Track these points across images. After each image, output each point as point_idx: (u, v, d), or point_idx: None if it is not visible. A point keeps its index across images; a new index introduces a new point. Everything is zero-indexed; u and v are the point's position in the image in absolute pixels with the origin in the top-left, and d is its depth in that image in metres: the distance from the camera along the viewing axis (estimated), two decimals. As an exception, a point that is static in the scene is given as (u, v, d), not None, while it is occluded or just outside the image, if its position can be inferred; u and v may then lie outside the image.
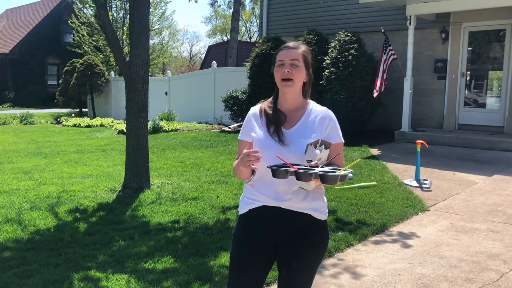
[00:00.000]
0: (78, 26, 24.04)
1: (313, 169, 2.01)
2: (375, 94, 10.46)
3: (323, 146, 2.10)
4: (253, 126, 2.30)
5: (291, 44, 2.28)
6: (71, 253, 4.39)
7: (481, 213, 5.63)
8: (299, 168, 2.01)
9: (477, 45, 11.37)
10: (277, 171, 2.02)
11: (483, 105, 11.36)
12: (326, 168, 2.06)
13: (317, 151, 2.07)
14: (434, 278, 3.87)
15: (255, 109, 2.35)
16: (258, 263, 2.27)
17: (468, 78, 11.35)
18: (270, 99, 2.35)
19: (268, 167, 2.04)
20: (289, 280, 2.28)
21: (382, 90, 10.44)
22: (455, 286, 3.73)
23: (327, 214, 2.31)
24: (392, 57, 10.76)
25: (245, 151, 2.07)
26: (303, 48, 2.27)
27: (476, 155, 9.01)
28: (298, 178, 2.00)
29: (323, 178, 1.97)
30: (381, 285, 3.77)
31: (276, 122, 2.24)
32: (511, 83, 10.49)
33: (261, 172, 2.24)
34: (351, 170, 2.04)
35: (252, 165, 2.07)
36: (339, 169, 2.03)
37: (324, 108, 2.32)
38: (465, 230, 5.04)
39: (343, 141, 2.30)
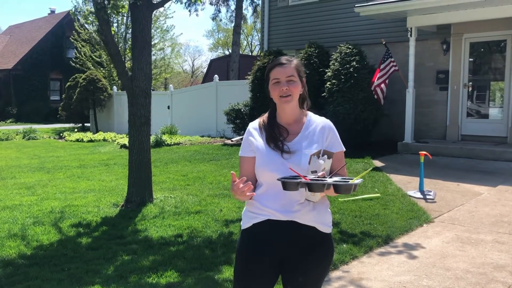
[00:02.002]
0: (80, 43, 24.23)
1: (325, 180, 2.00)
2: (381, 100, 10.59)
3: (326, 156, 2.10)
4: (254, 141, 2.29)
5: (283, 60, 2.28)
6: (74, 268, 4.36)
7: (486, 224, 5.59)
8: (310, 179, 1.99)
9: (478, 56, 11.40)
10: (288, 184, 1.99)
11: (486, 116, 11.35)
12: (336, 178, 2.06)
13: (321, 161, 2.07)
14: (441, 291, 3.82)
15: (254, 125, 2.35)
16: (263, 279, 2.24)
17: (470, 89, 11.35)
18: (267, 114, 2.35)
19: (278, 179, 2.02)
20: None
21: (381, 98, 10.54)
22: (462, 298, 3.69)
23: (332, 227, 2.29)
24: (393, 68, 10.79)
25: (234, 183, 2.08)
26: (295, 62, 2.29)
27: (480, 166, 8.97)
28: (310, 190, 1.99)
29: (337, 188, 1.97)
30: (387, 298, 3.73)
31: (277, 136, 2.24)
32: (513, 93, 10.49)
33: (265, 186, 2.23)
34: (362, 180, 2.04)
35: (248, 193, 2.07)
36: (350, 179, 2.03)
37: (323, 118, 2.32)
38: (470, 242, 5.00)
39: (344, 149, 2.30)
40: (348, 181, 1.99)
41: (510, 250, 4.72)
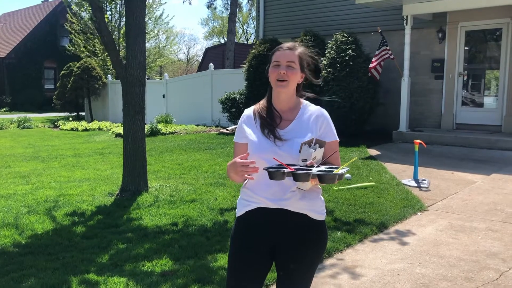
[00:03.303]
0: (74, 35, 24.01)
1: (310, 169, 2.00)
2: (376, 76, 10.63)
3: (318, 145, 2.09)
4: (248, 128, 2.28)
5: (288, 45, 2.28)
6: (69, 257, 4.36)
7: (479, 212, 5.63)
8: (296, 169, 1.99)
9: (473, 45, 11.38)
10: (274, 173, 2.00)
11: (480, 104, 11.37)
12: (323, 167, 2.05)
13: (312, 150, 2.07)
14: (434, 278, 3.86)
15: (249, 111, 2.35)
16: (256, 265, 2.26)
17: (465, 77, 11.36)
18: (263, 100, 2.34)
19: (264, 169, 2.02)
20: (287, 282, 2.27)
21: (376, 75, 10.58)
22: (455, 285, 3.72)
23: (325, 214, 2.29)
24: (387, 54, 10.77)
25: (238, 159, 2.04)
26: (299, 49, 2.27)
27: (474, 154, 9.01)
28: (295, 179, 1.99)
29: (320, 178, 1.97)
30: (380, 285, 3.75)
31: (270, 123, 2.23)
32: (508, 82, 10.50)
33: (257, 174, 2.23)
34: (348, 169, 2.03)
35: (248, 175, 2.04)
36: (336, 168, 2.03)
37: (318, 107, 2.31)
38: (464, 229, 5.03)
39: (338, 139, 2.29)
40: (333, 171, 1.98)
41: (502, 238, 4.75)
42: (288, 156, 2.13)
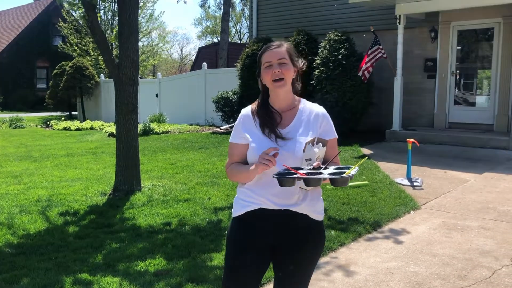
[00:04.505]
0: (67, 31, 23.85)
1: (321, 173, 1.96)
2: (365, 75, 10.44)
3: (320, 143, 2.07)
4: (246, 128, 2.23)
5: (274, 44, 2.25)
6: (61, 257, 4.33)
7: (472, 210, 5.65)
8: (305, 173, 1.95)
9: (466, 44, 11.44)
10: (285, 180, 1.92)
11: (473, 104, 11.43)
12: (331, 169, 2.02)
13: (316, 149, 2.05)
14: (427, 276, 3.87)
15: (246, 111, 2.29)
16: (253, 266, 2.23)
17: (457, 77, 11.41)
18: (259, 100, 2.30)
19: (274, 176, 1.97)
20: (286, 282, 2.26)
21: (366, 75, 10.42)
22: (448, 283, 3.74)
23: (323, 214, 2.28)
24: (380, 54, 10.78)
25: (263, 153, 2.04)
26: (286, 45, 2.25)
27: (467, 153, 9.05)
28: (307, 185, 1.96)
29: (333, 181, 1.93)
30: (374, 284, 3.76)
31: (271, 122, 2.19)
32: (499, 81, 10.56)
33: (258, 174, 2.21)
34: (358, 169, 2.00)
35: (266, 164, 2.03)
36: (345, 168, 1.99)
37: (316, 105, 2.29)
38: (457, 228, 5.05)
39: (337, 136, 2.28)
40: (343, 172, 1.94)
41: (495, 236, 4.78)
42: (291, 156, 2.10)
